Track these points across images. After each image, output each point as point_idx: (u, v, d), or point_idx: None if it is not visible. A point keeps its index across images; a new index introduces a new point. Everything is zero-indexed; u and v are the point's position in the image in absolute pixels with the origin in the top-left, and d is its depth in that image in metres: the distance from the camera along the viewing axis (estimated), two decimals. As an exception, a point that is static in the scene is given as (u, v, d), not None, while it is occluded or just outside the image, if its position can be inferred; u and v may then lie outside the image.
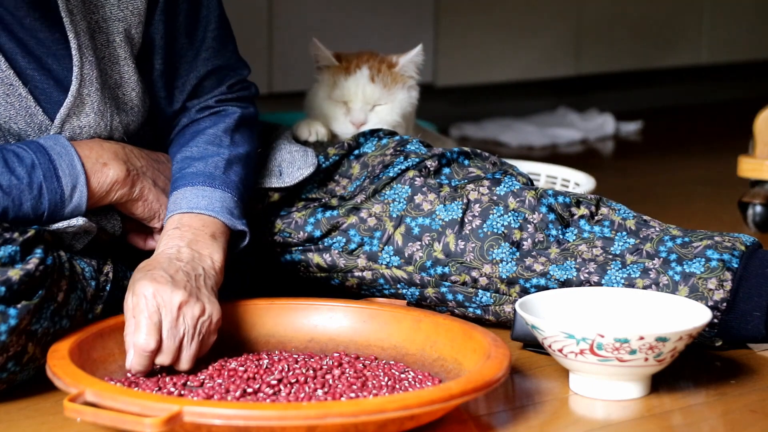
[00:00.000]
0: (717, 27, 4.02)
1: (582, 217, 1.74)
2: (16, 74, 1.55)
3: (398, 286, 1.76)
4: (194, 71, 1.72)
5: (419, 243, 1.74)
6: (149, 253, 1.71)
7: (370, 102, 1.94)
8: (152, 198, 1.62)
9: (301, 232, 1.77)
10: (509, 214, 1.73)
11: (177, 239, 1.57)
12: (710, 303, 1.65)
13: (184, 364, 1.51)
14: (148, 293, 1.48)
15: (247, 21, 3.15)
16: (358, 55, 1.98)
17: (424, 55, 1.98)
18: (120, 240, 1.67)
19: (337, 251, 1.77)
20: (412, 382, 1.51)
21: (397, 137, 1.86)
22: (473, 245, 1.73)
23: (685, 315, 1.58)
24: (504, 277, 1.72)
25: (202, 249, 1.57)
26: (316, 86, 1.99)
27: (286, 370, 1.53)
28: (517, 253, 1.72)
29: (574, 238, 1.73)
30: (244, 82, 1.78)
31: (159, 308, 1.48)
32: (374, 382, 1.50)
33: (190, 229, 1.58)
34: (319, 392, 1.47)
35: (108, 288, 1.60)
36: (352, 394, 1.46)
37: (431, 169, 1.80)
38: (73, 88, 1.57)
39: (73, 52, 1.57)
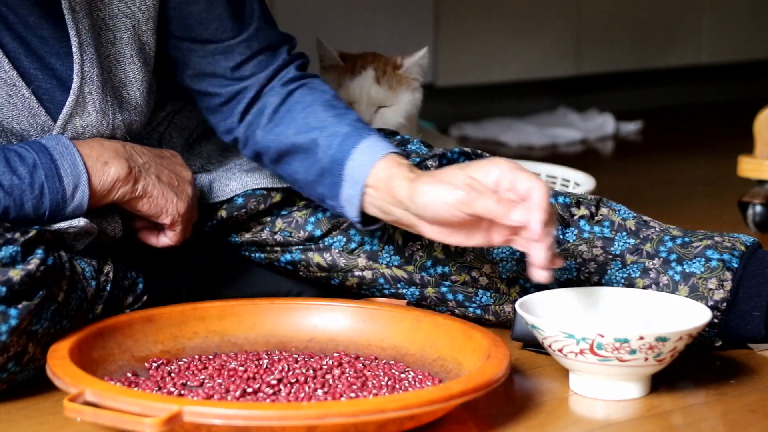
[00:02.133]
0: (717, 27, 4.02)
1: (582, 217, 1.75)
2: (20, 75, 1.55)
3: (398, 285, 1.76)
4: (248, 40, 1.69)
5: (419, 242, 1.74)
6: (150, 252, 1.71)
7: (375, 103, 1.94)
8: (157, 194, 1.62)
9: (302, 231, 1.77)
10: (509, 214, 1.73)
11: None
12: (710, 303, 1.65)
13: None
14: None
15: (247, 21, 3.15)
16: (363, 55, 1.98)
17: (429, 57, 1.98)
18: (120, 241, 1.67)
19: (337, 250, 1.77)
20: (412, 382, 1.51)
21: (398, 137, 1.86)
22: (473, 245, 1.72)
23: (685, 315, 1.58)
24: (504, 276, 1.72)
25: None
26: (319, 86, 1.99)
27: (286, 370, 1.53)
28: (517, 253, 1.72)
29: (574, 238, 1.73)
30: (301, 52, 1.76)
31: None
32: (374, 382, 1.50)
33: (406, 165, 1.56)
34: (319, 392, 1.47)
35: (108, 288, 1.60)
36: (352, 394, 1.46)
37: (432, 168, 1.79)
38: (74, 86, 1.57)
39: (74, 49, 1.57)
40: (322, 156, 1.60)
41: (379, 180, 1.55)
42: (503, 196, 1.46)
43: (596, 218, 1.75)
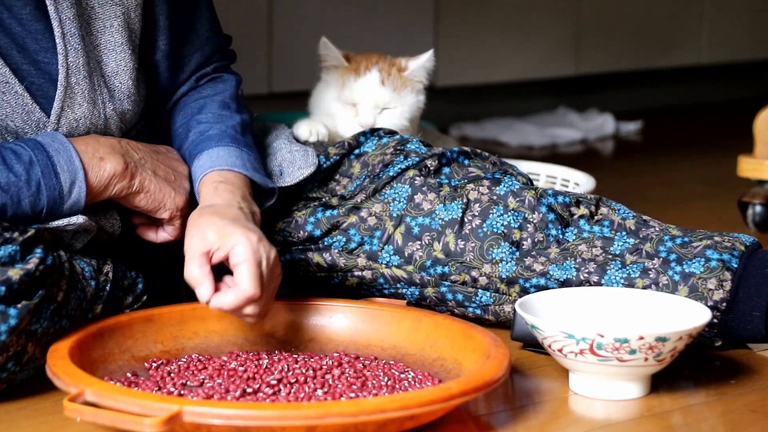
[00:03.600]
0: (717, 27, 4.02)
1: (582, 216, 1.75)
2: (12, 71, 1.55)
3: (398, 285, 1.76)
4: (200, 50, 1.78)
5: (419, 242, 1.74)
6: (150, 251, 1.71)
7: (379, 105, 1.94)
8: (154, 188, 1.62)
9: (301, 232, 1.77)
10: (509, 213, 1.74)
11: (229, 193, 1.61)
12: (710, 303, 1.65)
13: (268, 308, 1.56)
14: (253, 242, 1.51)
15: (247, 21, 3.15)
16: (367, 56, 1.97)
17: (434, 61, 1.98)
18: (120, 240, 1.67)
19: (337, 250, 1.77)
20: (412, 382, 1.51)
21: (398, 136, 1.86)
22: (473, 245, 1.72)
23: (685, 315, 1.58)
24: (504, 276, 1.72)
25: (251, 206, 1.62)
26: (322, 86, 1.99)
27: (286, 370, 1.53)
28: (517, 253, 1.72)
29: (574, 237, 1.73)
30: (230, 50, 1.87)
31: (261, 260, 1.51)
32: (374, 382, 1.50)
33: (235, 185, 1.63)
34: (319, 392, 1.47)
35: (108, 288, 1.60)
36: (352, 394, 1.46)
37: (431, 168, 1.80)
38: (61, 77, 1.57)
39: (57, 40, 1.57)
40: (186, 149, 1.70)
41: (201, 183, 1.64)
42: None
43: (596, 218, 1.75)
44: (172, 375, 1.52)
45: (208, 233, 1.52)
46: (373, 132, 1.88)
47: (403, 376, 1.53)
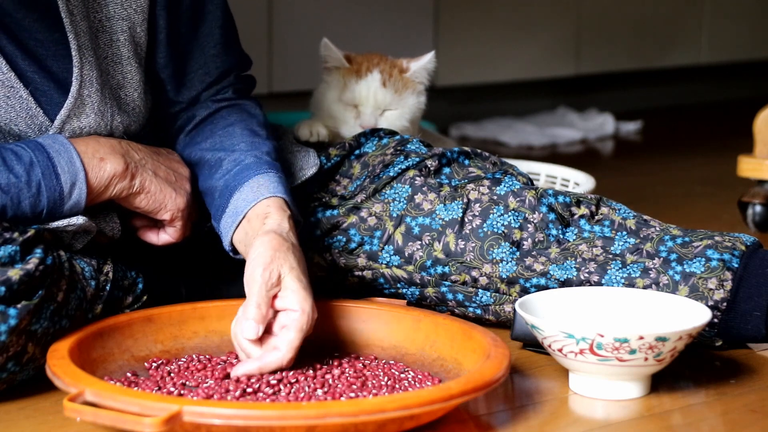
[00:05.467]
0: (717, 27, 4.02)
1: (582, 216, 1.75)
2: (17, 76, 1.55)
3: (398, 285, 1.76)
4: (203, 67, 1.74)
5: (419, 242, 1.74)
6: (151, 251, 1.71)
7: (381, 107, 1.94)
8: (155, 189, 1.61)
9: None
10: (509, 213, 1.74)
11: (292, 228, 1.58)
12: (710, 303, 1.65)
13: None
14: (313, 314, 1.51)
15: (247, 20, 3.15)
16: (368, 57, 1.97)
17: (436, 62, 1.98)
18: (120, 240, 1.66)
19: (337, 250, 1.77)
20: (412, 382, 1.51)
21: (398, 137, 1.86)
22: (473, 245, 1.72)
23: (685, 315, 1.58)
24: (504, 276, 1.72)
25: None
26: (323, 87, 1.99)
27: (286, 369, 1.53)
28: (517, 253, 1.72)
29: (575, 237, 1.73)
30: (249, 75, 1.82)
31: (309, 332, 1.51)
32: (374, 381, 1.50)
33: (290, 216, 1.59)
34: (319, 392, 1.47)
35: (108, 288, 1.60)
36: (352, 394, 1.46)
37: (431, 168, 1.80)
38: (74, 89, 1.57)
39: (73, 53, 1.57)
40: (219, 177, 1.66)
41: (256, 214, 1.59)
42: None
43: (596, 217, 1.75)
44: (172, 375, 1.52)
45: (288, 281, 1.51)
46: (373, 132, 1.88)
47: (403, 375, 1.53)
